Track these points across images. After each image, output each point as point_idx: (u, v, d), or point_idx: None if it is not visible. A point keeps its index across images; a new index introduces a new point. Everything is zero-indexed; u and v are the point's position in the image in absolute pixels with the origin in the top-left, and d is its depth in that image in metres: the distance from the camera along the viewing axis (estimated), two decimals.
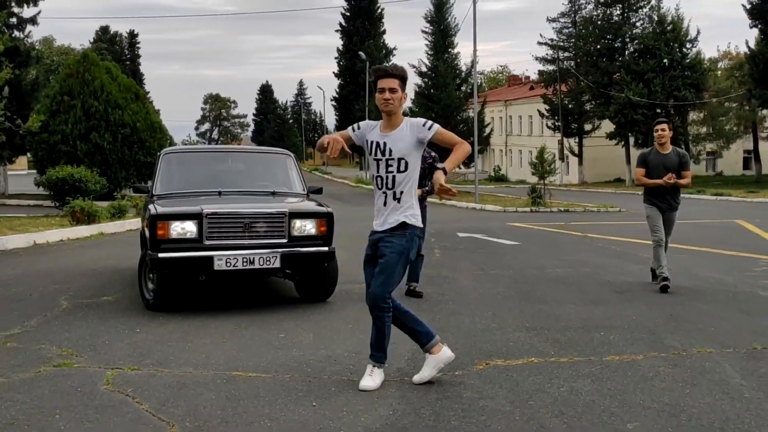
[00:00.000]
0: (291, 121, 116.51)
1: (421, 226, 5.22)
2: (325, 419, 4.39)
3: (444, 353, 5.14)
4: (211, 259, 7.23)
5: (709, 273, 10.02)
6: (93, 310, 7.63)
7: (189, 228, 7.29)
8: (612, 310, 7.61)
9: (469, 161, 41.07)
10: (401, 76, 5.05)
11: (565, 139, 52.43)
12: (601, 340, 6.34)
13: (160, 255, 7.20)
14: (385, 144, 5.02)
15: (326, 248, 7.67)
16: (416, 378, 5.12)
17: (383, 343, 5.09)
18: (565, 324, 6.99)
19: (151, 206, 7.63)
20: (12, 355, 5.89)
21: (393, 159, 4.99)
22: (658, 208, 8.80)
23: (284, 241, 7.50)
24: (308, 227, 7.62)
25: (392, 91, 4.97)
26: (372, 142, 5.07)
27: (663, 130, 8.73)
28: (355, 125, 5.21)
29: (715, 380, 5.15)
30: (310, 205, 7.96)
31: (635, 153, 49.58)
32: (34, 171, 25.52)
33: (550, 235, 16.42)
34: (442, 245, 13.72)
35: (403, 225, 5.00)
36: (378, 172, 5.05)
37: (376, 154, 5.04)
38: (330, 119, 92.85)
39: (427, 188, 7.92)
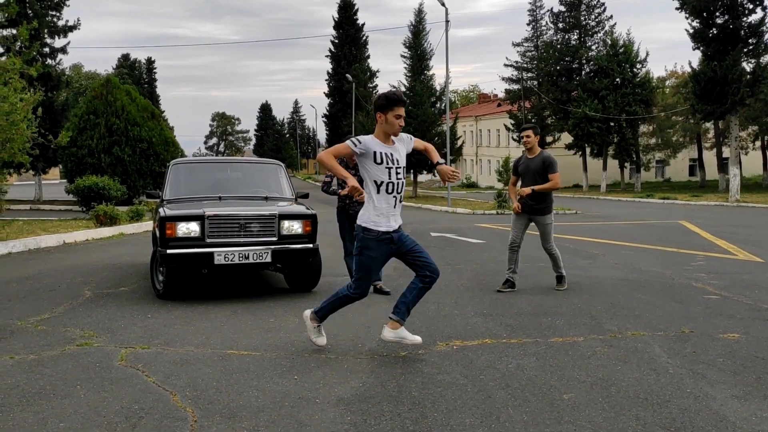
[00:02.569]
0: (287, 135, 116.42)
1: None
2: (304, 390, 4.49)
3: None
4: (211, 254, 7.33)
5: (650, 267, 10.12)
6: (112, 299, 7.72)
7: (193, 228, 7.39)
8: (560, 299, 7.70)
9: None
10: (405, 104, 5.34)
11: None
12: (547, 324, 6.44)
13: (169, 251, 7.30)
14: (392, 154, 5.20)
15: (311, 245, 7.77)
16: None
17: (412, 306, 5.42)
18: (518, 310, 7.08)
19: (161, 209, 7.71)
20: (42, 337, 6.01)
21: (400, 167, 5.25)
22: (525, 212, 8.21)
23: (275, 239, 7.60)
24: (295, 227, 7.72)
25: (401, 117, 5.21)
26: (381, 153, 5.15)
27: (528, 136, 8.11)
28: (355, 140, 5.16)
29: (645, 359, 5.24)
30: (297, 208, 8.04)
31: (591, 161, 49.94)
32: (65, 180, 25.51)
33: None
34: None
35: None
36: (390, 178, 5.17)
37: (387, 163, 5.16)
38: (321, 134, 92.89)
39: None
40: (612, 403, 4.25)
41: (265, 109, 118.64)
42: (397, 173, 5.20)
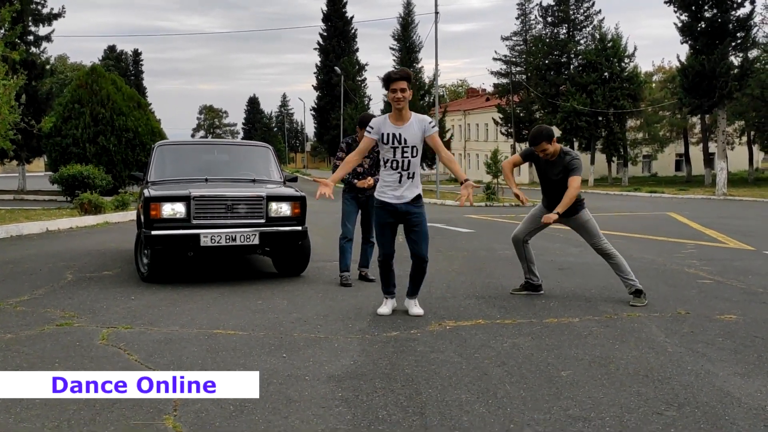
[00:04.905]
0: (275, 129, 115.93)
1: None
2: (293, 368, 4.33)
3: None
4: (197, 236, 7.12)
5: (642, 255, 10.01)
6: (95, 282, 7.51)
7: (178, 209, 7.19)
8: (553, 283, 7.56)
9: (431, 162, 41.10)
10: (408, 78, 5.55)
11: (517, 144, 52.53)
12: (542, 306, 6.31)
13: (153, 232, 7.09)
14: (400, 135, 5.50)
15: (300, 228, 7.57)
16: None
17: (421, 282, 6.02)
18: (511, 293, 6.95)
19: (145, 190, 7.51)
20: (20, 317, 5.82)
21: (408, 147, 5.51)
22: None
23: (262, 221, 7.40)
24: (284, 209, 7.53)
25: (402, 91, 5.45)
26: (388, 134, 5.51)
27: (544, 150, 6.39)
28: (368, 128, 5.61)
29: (642, 338, 5.13)
30: (285, 190, 7.85)
31: (582, 155, 49.85)
32: (51, 173, 25.18)
33: (502, 225, 16.36)
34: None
35: (419, 197, 5.70)
36: (394, 156, 5.54)
37: (393, 143, 5.50)
38: (309, 128, 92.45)
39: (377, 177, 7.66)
40: (612, 379, 4.12)
41: (253, 103, 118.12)
42: (404, 152, 5.51)
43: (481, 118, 64.88)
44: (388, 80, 5.49)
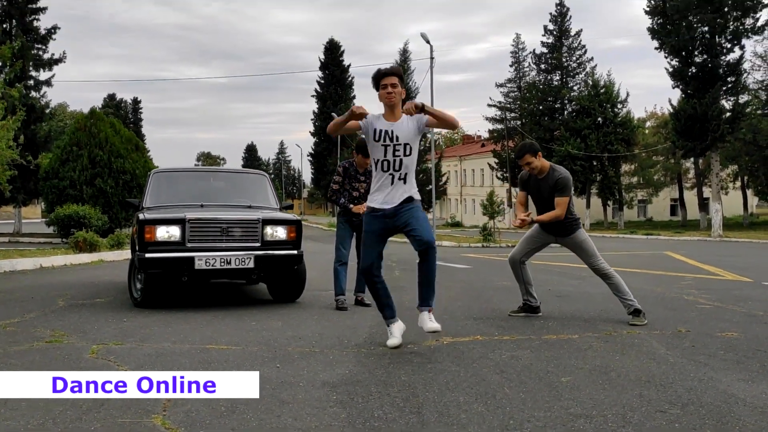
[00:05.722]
0: (273, 176, 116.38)
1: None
2: (287, 376, 4.21)
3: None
4: (192, 259, 7.03)
5: (641, 286, 9.89)
6: (86, 308, 7.38)
7: (173, 232, 7.11)
8: (552, 307, 7.45)
9: (428, 207, 41.11)
10: (399, 74, 5.23)
11: (512, 188, 52.70)
12: (540, 326, 6.21)
13: (147, 255, 7.00)
14: (392, 131, 5.07)
15: (295, 251, 7.49)
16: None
17: (433, 283, 5.21)
18: (509, 315, 6.85)
19: (140, 214, 7.44)
20: (10, 335, 5.71)
21: (400, 144, 5.06)
22: (548, 232, 6.82)
23: (258, 244, 7.31)
24: (279, 233, 7.45)
25: (393, 86, 5.10)
26: (380, 130, 5.08)
27: (529, 163, 6.41)
28: (364, 126, 5.17)
29: (643, 351, 5.04)
30: (281, 214, 7.79)
31: (575, 200, 49.93)
32: (46, 219, 25.10)
33: (499, 262, 16.27)
34: (403, 268, 13.55)
35: (410, 199, 5.10)
36: (385, 156, 5.07)
37: (384, 140, 5.06)
38: (307, 174, 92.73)
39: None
40: (613, 384, 4.01)
41: (251, 150, 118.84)
42: (395, 150, 5.06)
43: (476, 163, 65.22)
44: (377, 77, 5.13)
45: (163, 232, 7.10)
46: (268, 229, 7.40)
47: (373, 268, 5.17)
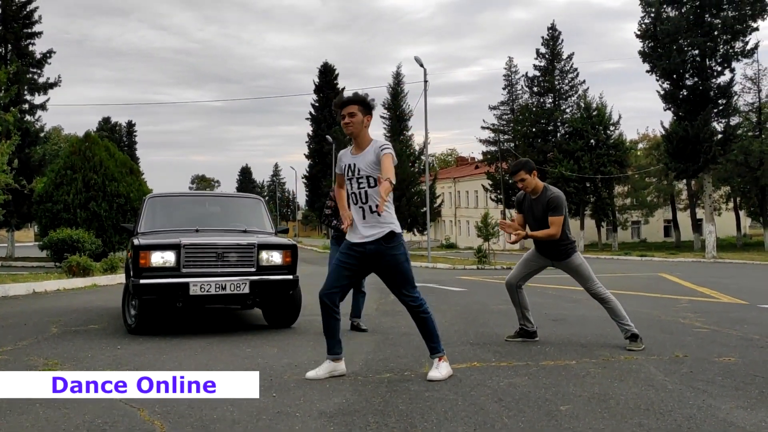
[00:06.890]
0: (267, 198, 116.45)
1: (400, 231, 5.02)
2: (283, 405, 4.16)
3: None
4: (187, 285, 6.98)
5: (637, 309, 9.85)
6: (80, 335, 7.31)
7: (168, 257, 7.06)
8: (548, 331, 7.43)
9: (422, 228, 41.14)
10: (359, 101, 4.97)
11: (506, 210, 52.79)
12: (538, 351, 6.17)
13: (142, 281, 6.95)
14: (354, 164, 4.90)
15: (291, 276, 7.45)
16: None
17: (434, 333, 5.11)
18: (506, 340, 6.80)
19: (134, 239, 7.40)
20: (2, 364, 5.62)
21: (362, 177, 4.85)
22: (544, 255, 6.83)
23: (253, 269, 7.27)
24: (275, 258, 7.41)
25: (351, 115, 4.90)
26: (346, 165, 4.97)
27: (522, 180, 6.45)
28: (338, 164, 5.08)
29: (641, 377, 5.00)
30: (277, 239, 7.76)
31: (571, 221, 50.06)
32: (39, 243, 24.97)
33: (494, 285, 16.25)
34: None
35: (391, 234, 4.87)
36: (352, 189, 4.92)
37: (348, 174, 4.94)
38: (301, 196, 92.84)
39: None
40: (612, 413, 3.97)
41: (246, 172, 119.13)
42: (359, 183, 4.87)
43: (470, 185, 65.42)
44: (336, 106, 5.00)
45: (158, 258, 7.06)
46: (264, 254, 7.36)
47: (329, 298, 4.97)
